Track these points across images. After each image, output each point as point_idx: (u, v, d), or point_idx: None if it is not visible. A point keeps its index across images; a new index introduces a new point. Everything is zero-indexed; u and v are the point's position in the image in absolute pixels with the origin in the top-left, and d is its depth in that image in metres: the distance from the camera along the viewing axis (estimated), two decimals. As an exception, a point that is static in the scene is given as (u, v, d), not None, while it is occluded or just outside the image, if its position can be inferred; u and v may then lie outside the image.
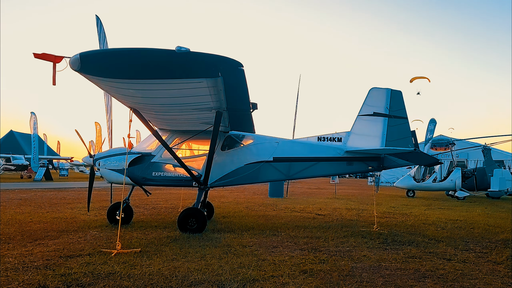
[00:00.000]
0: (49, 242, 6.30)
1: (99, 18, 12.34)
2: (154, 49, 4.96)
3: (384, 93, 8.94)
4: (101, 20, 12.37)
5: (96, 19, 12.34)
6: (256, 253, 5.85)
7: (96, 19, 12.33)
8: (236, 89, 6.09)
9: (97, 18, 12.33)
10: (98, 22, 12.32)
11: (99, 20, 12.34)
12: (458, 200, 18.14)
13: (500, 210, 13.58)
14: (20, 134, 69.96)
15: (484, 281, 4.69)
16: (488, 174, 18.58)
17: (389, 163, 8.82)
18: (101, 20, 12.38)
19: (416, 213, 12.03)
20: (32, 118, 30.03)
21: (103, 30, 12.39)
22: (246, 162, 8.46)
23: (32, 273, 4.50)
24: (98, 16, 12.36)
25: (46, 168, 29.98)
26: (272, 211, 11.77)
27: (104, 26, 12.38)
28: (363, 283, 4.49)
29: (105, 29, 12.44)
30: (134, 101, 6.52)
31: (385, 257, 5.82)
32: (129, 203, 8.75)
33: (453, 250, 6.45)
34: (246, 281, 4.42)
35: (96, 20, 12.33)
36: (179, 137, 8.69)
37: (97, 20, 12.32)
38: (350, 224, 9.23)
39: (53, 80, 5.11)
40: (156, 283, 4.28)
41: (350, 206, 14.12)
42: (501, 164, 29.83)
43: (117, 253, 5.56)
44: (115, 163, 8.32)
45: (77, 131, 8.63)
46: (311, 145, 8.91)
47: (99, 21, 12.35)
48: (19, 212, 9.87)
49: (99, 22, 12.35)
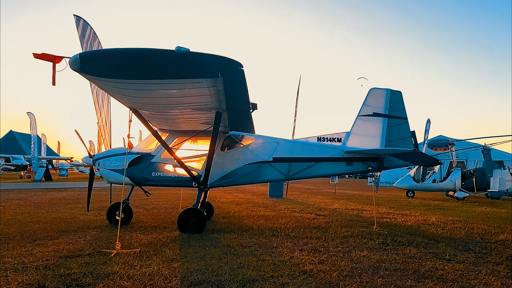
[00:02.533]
0: (48, 242, 6.29)
1: (81, 18, 11.33)
2: (154, 49, 4.96)
3: (384, 93, 8.95)
4: (84, 20, 11.37)
5: (76, 20, 11.32)
6: (255, 254, 5.85)
7: (77, 19, 11.32)
8: (236, 89, 6.09)
9: (78, 19, 11.33)
10: (79, 22, 11.31)
11: (81, 20, 11.25)
12: (458, 200, 18.15)
13: (500, 211, 13.58)
14: (19, 134, 70.00)
15: (484, 282, 4.69)
16: (487, 174, 18.58)
17: (388, 163, 8.83)
18: (84, 19, 11.41)
19: (416, 214, 12.04)
20: (31, 118, 29.99)
21: (91, 30, 11.61)
22: (245, 163, 8.46)
23: (32, 274, 4.50)
24: (80, 16, 11.42)
25: (45, 168, 29.97)
26: (272, 212, 11.76)
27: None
28: (363, 284, 4.49)
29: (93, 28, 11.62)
30: (134, 101, 6.52)
31: (384, 257, 5.82)
32: (128, 204, 8.75)
33: (453, 251, 6.45)
34: (245, 281, 4.42)
35: (77, 20, 11.30)
36: (179, 137, 8.68)
37: (77, 21, 11.29)
38: (350, 225, 9.23)
39: (53, 80, 5.11)
40: (156, 283, 4.28)
41: (350, 206, 14.12)
42: (501, 165, 29.86)
43: (117, 253, 5.56)
44: (114, 163, 8.32)
45: (77, 131, 8.64)
46: (311, 145, 8.91)
47: (81, 21, 11.26)
48: (18, 212, 9.86)
49: (82, 22, 11.30)
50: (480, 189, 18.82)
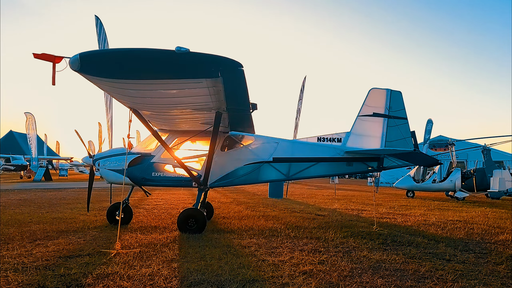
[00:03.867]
0: (48, 242, 6.29)
1: (99, 19, 12.29)
2: (154, 49, 4.96)
3: (384, 93, 8.94)
4: (101, 21, 12.31)
5: (95, 19, 12.28)
6: (255, 254, 5.85)
7: (96, 19, 12.27)
8: (236, 90, 6.09)
9: (97, 19, 12.27)
10: (97, 22, 12.27)
11: (99, 20, 12.28)
12: (458, 200, 18.15)
13: (500, 211, 13.58)
14: (19, 134, 69.93)
15: (484, 282, 4.69)
16: (487, 174, 18.58)
17: (388, 163, 8.82)
18: (101, 20, 12.32)
19: (416, 214, 12.03)
20: (28, 118, 29.83)
21: (104, 31, 12.35)
22: (245, 163, 8.46)
23: (32, 274, 4.50)
24: (98, 17, 12.32)
25: (45, 169, 29.96)
26: (272, 212, 11.76)
27: (105, 26, 12.36)
28: (363, 284, 4.49)
29: (105, 29, 12.42)
30: (134, 101, 6.52)
31: (384, 257, 5.82)
32: (128, 204, 8.74)
33: (453, 251, 6.45)
34: (245, 281, 4.42)
35: (96, 20, 12.28)
36: (179, 137, 8.68)
37: (96, 21, 12.27)
38: (349, 225, 9.22)
39: (53, 80, 5.11)
40: (156, 283, 4.28)
41: (349, 206, 14.11)
42: (501, 165, 29.85)
43: (117, 253, 5.56)
44: (114, 164, 8.32)
45: (77, 131, 8.64)
46: (311, 145, 8.90)
47: (99, 21, 12.29)
48: (18, 213, 9.86)
49: (99, 22, 12.29)
50: (480, 189, 18.81)
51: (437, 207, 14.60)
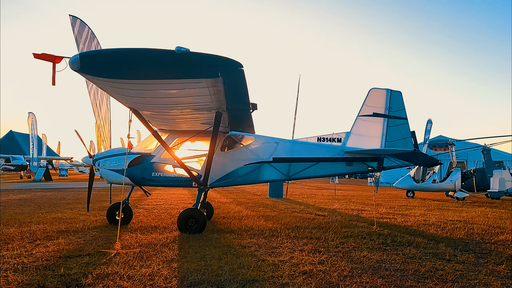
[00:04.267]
0: (48, 242, 6.29)
1: (77, 18, 11.18)
2: (154, 49, 4.96)
3: (384, 93, 8.94)
4: (81, 20, 11.26)
5: (72, 20, 11.11)
6: (255, 254, 5.85)
7: (73, 19, 11.12)
8: (235, 90, 6.09)
9: (74, 19, 11.14)
10: (75, 22, 11.23)
11: (78, 20, 11.21)
12: (458, 200, 18.15)
13: (500, 211, 13.58)
14: (19, 134, 69.90)
15: (484, 282, 4.69)
16: (487, 174, 18.58)
17: (388, 163, 8.82)
18: (81, 19, 11.27)
19: (416, 214, 12.03)
20: (31, 118, 29.97)
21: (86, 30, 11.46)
22: (245, 163, 8.46)
23: (32, 274, 4.50)
24: (75, 16, 11.23)
25: (45, 169, 29.97)
26: (272, 212, 11.76)
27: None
28: (363, 284, 4.49)
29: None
30: (134, 101, 6.52)
31: (384, 257, 5.82)
32: (128, 204, 8.74)
33: (453, 251, 6.45)
34: (245, 281, 4.42)
35: (72, 20, 11.10)
36: (178, 137, 8.68)
37: (73, 21, 11.11)
38: (350, 225, 9.22)
39: (53, 80, 5.12)
40: (156, 283, 4.28)
41: (349, 206, 14.11)
42: (501, 165, 29.85)
43: (117, 253, 5.56)
44: (114, 164, 8.32)
45: (77, 132, 8.64)
46: (311, 145, 8.90)
47: (78, 21, 11.23)
48: (18, 213, 9.86)
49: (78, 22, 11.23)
50: (480, 189, 18.81)
51: (437, 207, 14.60)
